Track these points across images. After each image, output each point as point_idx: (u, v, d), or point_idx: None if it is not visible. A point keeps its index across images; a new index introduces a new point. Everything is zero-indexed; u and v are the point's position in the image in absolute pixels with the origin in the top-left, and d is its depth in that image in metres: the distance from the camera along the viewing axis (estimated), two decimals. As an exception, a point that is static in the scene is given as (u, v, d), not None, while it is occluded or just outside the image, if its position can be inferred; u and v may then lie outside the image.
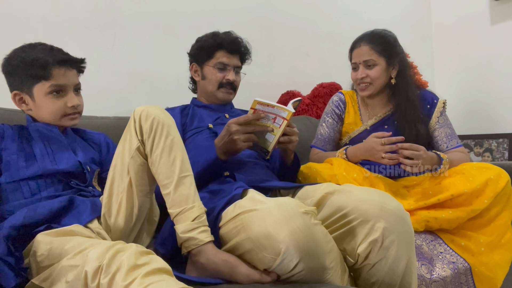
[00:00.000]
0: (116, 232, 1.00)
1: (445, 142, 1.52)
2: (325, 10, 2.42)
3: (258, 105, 1.14)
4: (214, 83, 1.46)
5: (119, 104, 1.74)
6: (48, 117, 1.14)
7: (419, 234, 1.28)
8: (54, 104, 1.13)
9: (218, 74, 1.45)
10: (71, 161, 1.14)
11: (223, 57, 1.45)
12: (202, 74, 1.50)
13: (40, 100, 1.12)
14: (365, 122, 1.60)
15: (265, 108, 1.15)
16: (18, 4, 1.55)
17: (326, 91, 2.16)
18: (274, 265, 0.86)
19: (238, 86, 1.52)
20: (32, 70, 1.09)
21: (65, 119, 1.16)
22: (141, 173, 1.00)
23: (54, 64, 1.10)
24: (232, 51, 1.46)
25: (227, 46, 1.45)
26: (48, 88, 1.11)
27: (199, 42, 1.51)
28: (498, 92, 2.41)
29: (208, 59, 1.47)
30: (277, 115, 1.16)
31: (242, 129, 1.15)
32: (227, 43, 1.45)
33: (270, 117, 1.16)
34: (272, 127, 1.18)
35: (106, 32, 1.73)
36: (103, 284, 0.72)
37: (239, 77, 1.51)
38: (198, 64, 1.51)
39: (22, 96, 1.13)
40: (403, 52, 1.56)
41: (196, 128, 1.40)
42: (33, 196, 1.06)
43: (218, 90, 1.47)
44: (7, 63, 1.12)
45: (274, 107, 1.14)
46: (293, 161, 1.35)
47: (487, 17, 2.47)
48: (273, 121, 1.17)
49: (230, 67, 1.47)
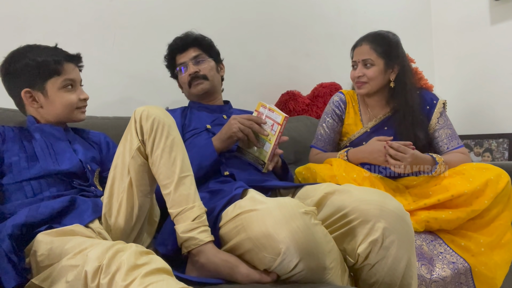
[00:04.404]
0: (116, 232, 1.00)
1: (445, 143, 1.52)
2: (325, 10, 2.42)
3: (262, 107, 1.18)
4: (185, 85, 1.52)
5: (119, 104, 1.74)
6: (62, 111, 1.18)
7: (419, 234, 1.28)
8: (69, 97, 1.18)
9: (183, 75, 1.50)
10: (73, 161, 1.14)
11: (179, 59, 1.50)
12: (179, 84, 1.58)
13: (54, 94, 1.16)
14: (365, 124, 1.60)
15: (266, 112, 1.18)
16: (18, 4, 1.55)
17: (326, 91, 2.16)
18: (274, 265, 0.86)
19: (207, 74, 1.48)
20: (45, 67, 1.14)
21: (76, 112, 1.21)
22: (142, 173, 1.00)
23: (64, 60, 1.17)
24: (183, 47, 1.50)
25: (178, 48, 1.50)
26: (62, 83, 1.17)
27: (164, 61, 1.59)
28: (498, 92, 2.41)
29: (174, 69, 1.55)
30: (274, 122, 1.18)
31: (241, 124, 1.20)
32: (176, 45, 1.50)
33: (269, 123, 1.18)
34: (269, 134, 1.20)
35: (106, 32, 1.73)
36: (103, 284, 0.72)
37: (204, 64, 1.49)
38: (175, 78, 1.60)
39: (33, 94, 1.16)
40: (404, 56, 1.55)
41: (194, 129, 1.40)
42: (36, 196, 1.06)
43: (191, 89, 1.49)
44: (12, 63, 1.14)
45: (274, 111, 1.17)
46: (281, 166, 1.38)
47: (487, 17, 2.47)
48: (271, 128, 1.18)
49: (187, 62, 1.49)
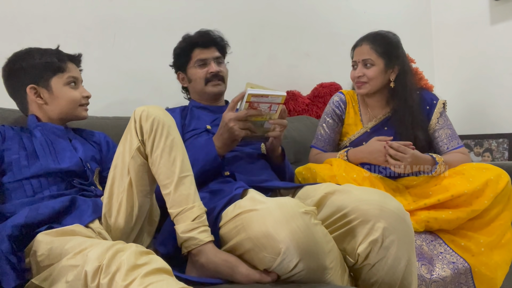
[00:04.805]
0: (116, 232, 1.00)
1: (445, 143, 1.52)
2: (325, 10, 2.42)
3: (253, 97, 1.13)
4: (200, 80, 1.47)
5: (119, 104, 1.74)
6: (66, 107, 1.21)
7: (419, 234, 1.28)
8: (73, 93, 1.22)
9: (200, 70, 1.46)
10: (73, 160, 1.14)
11: (200, 54, 1.47)
12: (188, 78, 1.52)
13: (59, 90, 1.20)
14: (365, 124, 1.59)
15: (259, 99, 1.14)
16: (17, 4, 1.55)
17: (326, 91, 2.16)
18: (274, 265, 0.86)
19: (226, 77, 1.51)
20: (50, 64, 1.19)
21: (80, 108, 1.24)
22: (142, 173, 1.00)
23: (68, 59, 1.23)
24: (206, 44, 1.48)
25: (200, 43, 1.47)
26: (66, 79, 1.21)
27: (175, 50, 1.54)
28: (498, 92, 2.41)
29: (188, 61, 1.49)
30: (272, 103, 1.16)
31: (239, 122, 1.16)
32: (199, 40, 1.47)
33: (265, 107, 1.17)
34: (269, 116, 1.18)
35: (106, 32, 1.73)
36: (103, 284, 0.72)
37: (223, 67, 1.51)
38: (182, 71, 1.53)
39: (38, 90, 1.19)
40: (404, 56, 1.54)
41: (194, 129, 1.40)
42: (36, 195, 1.06)
43: (206, 86, 1.47)
44: (17, 62, 1.17)
45: (268, 96, 1.14)
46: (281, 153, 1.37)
47: (487, 17, 2.47)
48: (269, 109, 1.17)
49: (210, 60, 1.47)
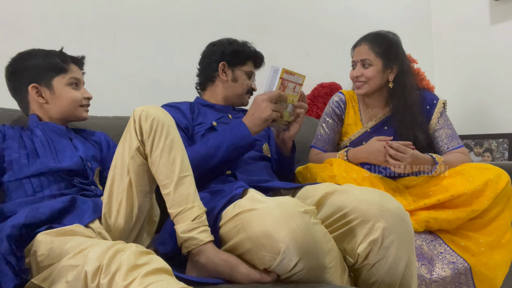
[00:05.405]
0: (116, 232, 1.00)
1: (445, 143, 1.52)
2: (325, 10, 2.42)
3: (285, 74, 1.19)
4: (244, 87, 1.53)
5: (119, 104, 1.73)
6: (67, 107, 1.22)
7: (419, 234, 1.28)
8: (74, 93, 1.23)
9: (247, 81, 1.54)
10: (74, 159, 1.15)
11: (251, 67, 1.56)
12: (233, 76, 1.52)
13: (61, 90, 1.21)
14: (365, 124, 1.59)
15: (289, 77, 1.20)
16: (17, 4, 1.55)
17: (326, 91, 2.16)
18: (274, 264, 0.86)
19: None
20: (53, 65, 1.20)
21: (81, 109, 1.25)
22: (141, 173, 1.00)
23: (71, 61, 1.25)
24: (258, 65, 1.59)
25: (255, 60, 1.57)
26: (68, 80, 1.22)
27: (232, 45, 1.54)
28: (498, 92, 2.41)
29: (241, 64, 1.53)
30: (296, 84, 1.22)
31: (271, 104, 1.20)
32: (256, 57, 1.57)
33: (291, 87, 1.22)
34: (293, 98, 1.23)
35: (106, 32, 1.73)
36: (103, 284, 0.72)
37: None
38: (230, 66, 1.53)
39: (40, 89, 1.20)
40: (404, 56, 1.54)
41: (200, 124, 1.40)
42: (36, 194, 1.06)
43: (245, 95, 1.55)
44: (20, 61, 1.19)
45: (295, 74, 1.20)
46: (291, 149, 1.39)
47: (487, 17, 2.47)
48: (293, 90, 1.23)
49: (254, 77, 1.58)
